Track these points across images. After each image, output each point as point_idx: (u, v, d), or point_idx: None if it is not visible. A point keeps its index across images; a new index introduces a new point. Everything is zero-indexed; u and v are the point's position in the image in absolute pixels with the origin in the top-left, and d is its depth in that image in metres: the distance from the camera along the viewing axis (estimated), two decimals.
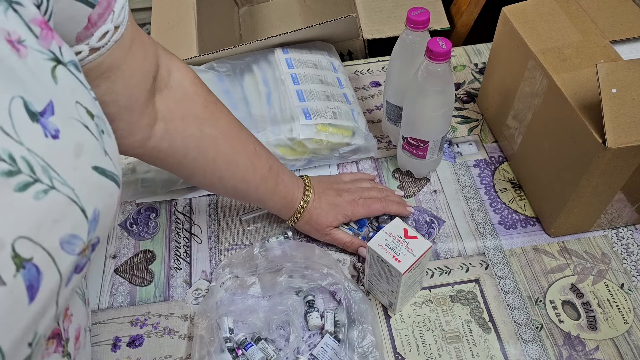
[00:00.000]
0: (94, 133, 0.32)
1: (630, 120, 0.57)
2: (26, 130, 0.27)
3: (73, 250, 0.29)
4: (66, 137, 0.29)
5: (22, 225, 0.26)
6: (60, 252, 0.28)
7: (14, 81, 0.28)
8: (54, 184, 0.28)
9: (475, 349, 0.63)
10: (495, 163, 0.82)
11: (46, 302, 0.28)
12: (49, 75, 0.30)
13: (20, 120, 0.27)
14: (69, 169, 0.29)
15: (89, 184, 0.30)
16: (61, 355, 0.39)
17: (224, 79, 0.83)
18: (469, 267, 0.70)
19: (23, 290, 0.26)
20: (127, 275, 0.72)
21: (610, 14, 0.71)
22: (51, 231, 0.27)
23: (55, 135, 0.29)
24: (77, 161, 0.30)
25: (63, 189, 0.28)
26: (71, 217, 0.29)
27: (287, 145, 0.76)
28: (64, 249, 0.28)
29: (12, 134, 0.26)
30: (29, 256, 0.26)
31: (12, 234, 0.25)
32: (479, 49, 0.99)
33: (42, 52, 0.30)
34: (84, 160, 0.30)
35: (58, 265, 0.28)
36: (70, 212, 0.29)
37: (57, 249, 0.28)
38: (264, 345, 0.62)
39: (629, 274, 0.69)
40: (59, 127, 0.29)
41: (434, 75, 0.64)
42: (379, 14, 1.00)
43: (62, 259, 0.28)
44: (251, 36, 1.27)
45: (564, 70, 0.65)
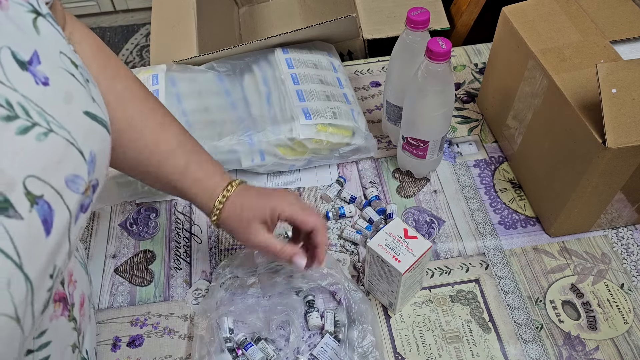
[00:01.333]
0: (80, 81, 0.33)
1: (630, 120, 0.57)
2: (18, 78, 0.28)
3: (77, 189, 0.30)
4: (56, 85, 0.30)
5: (29, 165, 0.27)
6: (67, 191, 0.29)
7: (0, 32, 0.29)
8: (52, 127, 0.29)
9: (475, 349, 0.63)
10: (495, 163, 0.82)
11: (60, 238, 0.29)
12: (31, 26, 0.31)
13: (11, 69, 0.28)
14: (62, 114, 0.30)
15: (83, 128, 0.31)
16: (67, 319, 0.40)
17: (224, 79, 0.83)
18: (469, 267, 0.70)
19: (39, 224, 0.27)
20: (127, 275, 0.72)
21: (610, 14, 0.71)
22: (56, 171, 0.29)
23: (45, 82, 0.30)
24: (68, 107, 0.31)
25: (61, 132, 0.29)
26: (71, 158, 0.30)
27: (287, 145, 0.76)
28: (69, 188, 0.30)
29: (5, 82, 0.27)
30: (39, 193, 0.27)
31: (22, 173, 0.26)
32: (479, 49, 0.99)
33: (22, 5, 0.31)
34: (75, 106, 0.31)
35: (66, 202, 0.29)
36: (70, 154, 0.30)
37: (64, 187, 0.29)
38: (264, 345, 0.62)
39: (629, 274, 0.69)
40: (47, 75, 0.30)
41: (434, 75, 0.64)
42: (379, 14, 1.00)
43: (69, 196, 0.30)
44: (251, 36, 1.27)
45: (564, 70, 0.65)
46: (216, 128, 0.77)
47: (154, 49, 0.94)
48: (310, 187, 0.80)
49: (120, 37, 2.26)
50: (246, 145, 0.76)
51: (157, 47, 0.94)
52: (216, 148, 0.75)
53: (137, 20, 2.31)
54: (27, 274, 0.26)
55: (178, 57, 0.87)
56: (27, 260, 0.26)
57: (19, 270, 0.26)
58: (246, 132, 0.76)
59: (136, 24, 2.32)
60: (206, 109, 0.79)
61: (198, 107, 0.79)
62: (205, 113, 0.79)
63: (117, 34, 2.28)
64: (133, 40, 2.25)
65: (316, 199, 0.78)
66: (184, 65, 0.85)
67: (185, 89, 0.81)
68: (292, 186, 0.80)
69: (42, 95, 0.29)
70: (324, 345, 0.62)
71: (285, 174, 0.82)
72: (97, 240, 0.75)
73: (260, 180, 0.81)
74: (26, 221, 0.26)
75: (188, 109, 0.79)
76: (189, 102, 0.79)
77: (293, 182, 0.81)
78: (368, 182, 0.80)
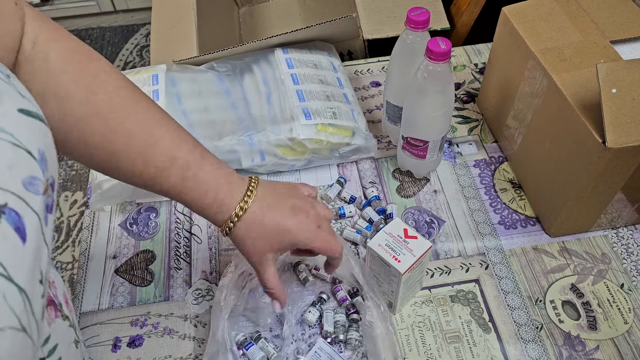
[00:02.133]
0: (2, 79, 0.31)
1: (630, 120, 0.57)
2: None
3: (37, 190, 0.29)
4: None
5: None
6: (28, 194, 0.28)
7: None
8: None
9: (475, 349, 0.63)
10: (495, 163, 0.82)
11: (37, 242, 0.29)
12: None
13: None
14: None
15: (23, 127, 0.30)
16: (62, 319, 0.41)
17: (224, 79, 0.83)
18: (469, 267, 0.70)
19: (13, 233, 0.26)
20: (127, 276, 0.72)
21: (610, 14, 0.71)
22: (12, 177, 0.28)
23: None
24: (2, 107, 0.29)
25: (3, 136, 0.28)
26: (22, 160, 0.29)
27: (287, 145, 0.76)
28: (29, 191, 0.29)
29: None
30: (3, 202, 0.26)
31: None
32: (479, 49, 0.99)
33: None
34: (7, 105, 0.30)
35: (31, 206, 0.28)
36: (19, 157, 0.29)
37: (24, 191, 0.28)
38: (264, 344, 0.62)
39: (629, 274, 0.69)
40: None
41: (434, 75, 0.64)
42: (379, 14, 1.01)
43: (32, 199, 0.29)
44: (251, 36, 1.27)
45: (564, 70, 0.65)
46: (216, 128, 0.77)
47: (154, 49, 0.94)
48: None
49: (120, 37, 2.26)
50: (246, 145, 0.76)
51: (157, 47, 0.94)
52: (216, 148, 0.75)
53: (137, 20, 2.31)
54: (18, 284, 0.26)
55: (178, 57, 0.87)
56: (14, 271, 0.26)
57: (10, 282, 0.25)
58: (246, 132, 0.76)
59: (136, 24, 2.32)
60: (206, 109, 0.79)
61: (198, 107, 0.79)
62: (205, 113, 0.79)
63: (117, 34, 2.28)
64: (133, 40, 2.25)
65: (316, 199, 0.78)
66: (184, 65, 0.85)
67: (185, 89, 0.81)
68: None
69: None
70: (318, 350, 0.62)
71: (285, 174, 0.82)
72: (97, 241, 0.75)
73: None
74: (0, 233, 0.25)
75: (188, 109, 0.78)
76: (189, 102, 0.79)
77: (293, 182, 0.81)
78: (368, 182, 0.80)
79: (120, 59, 2.17)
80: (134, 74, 0.84)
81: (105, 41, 2.25)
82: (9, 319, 0.25)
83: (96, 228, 0.77)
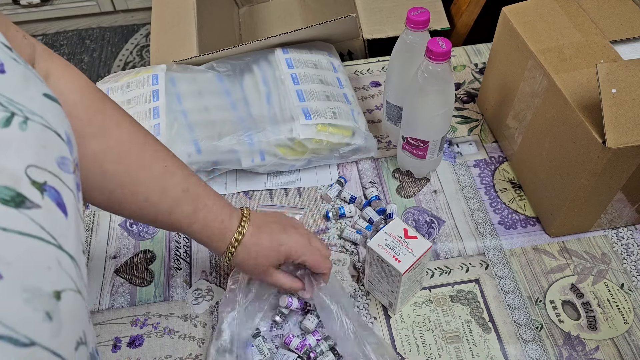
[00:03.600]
0: (22, 64, 0.32)
1: (630, 120, 0.57)
2: None
3: (68, 169, 0.31)
4: (11, 70, 0.30)
5: (25, 155, 0.27)
6: (62, 173, 0.30)
7: None
8: (26, 114, 0.28)
9: (475, 349, 0.63)
10: (495, 163, 0.82)
11: (76, 216, 0.30)
12: None
13: None
14: (27, 99, 0.30)
15: (49, 110, 0.31)
16: None
17: (224, 79, 0.83)
18: (469, 267, 0.70)
19: (56, 208, 0.28)
20: (127, 276, 0.72)
21: (610, 14, 0.71)
22: (47, 156, 0.29)
23: (1, 70, 0.29)
24: (30, 92, 0.30)
25: (35, 118, 0.29)
26: (53, 141, 0.30)
27: (287, 145, 0.76)
28: (62, 170, 0.30)
29: None
30: (42, 180, 0.27)
31: (21, 165, 0.26)
32: (479, 49, 0.99)
33: None
34: (34, 89, 0.31)
35: (66, 183, 0.30)
36: (50, 138, 0.30)
37: (59, 170, 0.29)
38: (260, 343, 0.62)
39: (629, 274, 0.69)
40: (2, 61, 0.29)
41: (434, 75, 0.64)
42: (379, 14, 1.01)
43: (66, 178, 0.30)
44: (251, 36, 1.27)
45: (564, 70, 0.65)
46: (216, 128, 0.77)
47: (154, 49, 0.94)
48: (310, 187, 0.80)
49: (120, 37, 2.26)
50: (246, 145, 0.76)
51: (157, 47, 0.94)
52: (216, 148, 0.75)
53: (137, 20, 2.31)
54: (68, 252, 0.28)
55: (178, 57, 0.87)
56: (63, 241, 0.27)
57: (62, 250, 0.27)
58: (246, 132, 0.76)
59: (136, 24, 2.32)
60: (206, 109, 0.79)
61: (198, 107, 0.79)
62: (205, 113, 0.79)
63: (117, 34, 2.28)
64: (133, 40, 2.25)
65: (316, 199, 0.79)
66: (184, 65, 0.85)
67: (185, 89, 0.81)
68: (292, 186, 0.80)
69: (4, 83, 0.29)
70: None
71: (285, 174, 0.82)
72: (97, 241, 0.75)
73: (260, 181, 0.81)
74: (44, 208, 0.27)
75: (188, 109, 0.79)
76: (189, 102, 0.79)
77: (293, 182, 0.81)
78: (368, 182, 0.80)
79: (120, 59, 2.16)
80: (134, 74, 0.84)
81: (105, 41, 2.24)
82: (67, 282, 0.27)
83: (96, 228, 0.77)
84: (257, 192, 0.80)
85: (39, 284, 0.24)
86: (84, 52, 2.20)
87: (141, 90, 0.81)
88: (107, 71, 2.12)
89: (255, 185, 0.80)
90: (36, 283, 0.24)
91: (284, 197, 0.79)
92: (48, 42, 2.24)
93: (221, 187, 0.80)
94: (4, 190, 0.25)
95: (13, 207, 0.24)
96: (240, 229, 0.56)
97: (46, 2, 2.18)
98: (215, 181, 0.80)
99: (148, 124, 0.76)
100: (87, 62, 2.15)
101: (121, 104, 0.80)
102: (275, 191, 0.80)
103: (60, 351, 0.24)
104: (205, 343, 0.65)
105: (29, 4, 2.16)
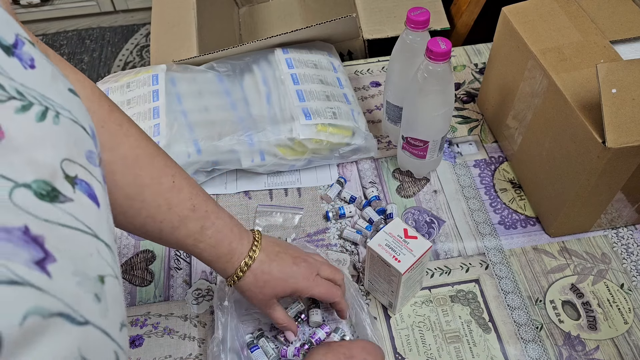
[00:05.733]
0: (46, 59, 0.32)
1: (630, 120, 0.57)
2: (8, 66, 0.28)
3: (95, 162, 0.31)
4: (40, 66, 0.30)
5: (59, 149, 0.28)
6: (90, 166, 0.30)
7: None
8: (57, 109, 0.29)
9: (475, 349, 0.63)
10: (495, 163, 0.82)
11: (106, 208, 0.31)
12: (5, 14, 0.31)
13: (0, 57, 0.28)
14: (56, 94, 0.30)
15: (75, 106, 0.32)
16: None
17: (224, 79, 0.83)
18: (469, 267, 0.70)
19: (88, 200, 0.28)
20: (127, 276, 0.72)
21: (610, 14, 0.71)
22: (78, 150, 0.29)
23: (32, 65, 0.30)
24: (58, 87, 0.31)
25: (64, 112, 0.30)
26: (81, 136, 0.31)
27: (287, 145, 0.76)
28: (91, 163, 0.31)
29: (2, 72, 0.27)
30: (74, 174, 0.28)
31: (57, 159, 0.27)
32: (479, 49, 0.99)
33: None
34: (61, 85, 0.31)
35: (95, 176, 0.30)
36: (78, 132, 0.30)
37: (88, 163, 0.30)
38: (264, 343, 0.62)
39: (629, 274, 0.69)
40: (33, 56, 0.30)
41: (434, 75, 0.64)
42: (379, 14, 1.01)
43: (94, 170, 0.31)
44: (251, 36, 1.27)
45: (564, 70, 0.65)
46: (216, 128, 0.77)
47: (154, 49, 0.94)
48: (310, 187, 0.80)
49: (120, 37, 2.26)
50: (246, 145, 0.76)
51: (157, 47, 0.94)
52: (216, 148, 0.75)
53: (137, 20, 2.31)
54: (104, 240, 0.29)
55: (178, 57, 0.87)
56: (98, 230, 0.28)
57: (98, 240, 0.28)
58: (246, 132, 0.76)
59: (136, 24, 2.32)
60: (206, 109, 0.79)
61: (198, 107, 0.79)
62: (205, 113, 0.79)
63: (117, 34, 2.28)
64: (133, 40, 2.25)
65: (316, 199, 0.79)
66: (184, 65, 0.85)
67: (185, 89, 0.81)
68: (292, 186, 0.80)
69: (34, 78, 0.29)
70: None
71: (285, 174, 0.82)
72: None
73: (260, 181, 0.81)
74: (77, 201, 0.27)
75: (188, 109, 0.79)
76: (189, 102, 0.79)
77: (293, 182, 0.81)
78: (368, 182, 0.80)
79: (120, 59, 2.16)
80: (134, 74, 0.84)
81: (105, 41, 2.25)
82: (107, 268, 0.28)
83: None
84: (257, 192, 0.80)
85: (85, 269, 0.25)
86: (84, 52, 2.20)
87: (141, 90, 0.81)
88: (107, 71, 2.12)
89: (255, 185, 0.80)
90: (83, 268, 0.25)
91: (284, 197, 0.79)
92: (48, 42, 2.24)
93: (221, 187, 0.80)
94: (42, 184, 0.25)
95: (48, 201, 0.25)
96: (251, 254, 0.54)
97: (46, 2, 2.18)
98: (215, 181, 0.80)
99: (148, 124, 0.76)
100: (87, 62, 2.15)
101: (121, 104, 0.80)
102: (275, 191, 0.80)
103: (109, 330, 0.26)
104: (206, 343, 0.65)
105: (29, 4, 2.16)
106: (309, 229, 0.75)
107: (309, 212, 0.77)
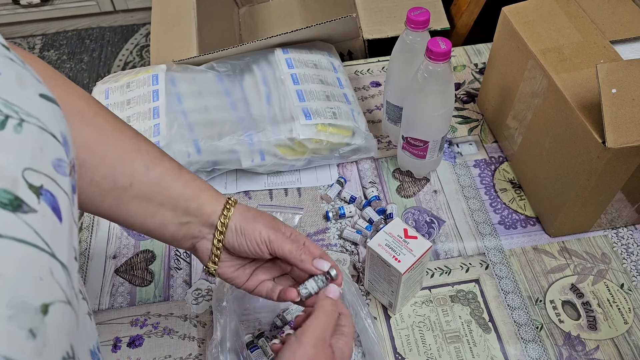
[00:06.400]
0: (19, 64, 0.32)
1: (630, 120, 0.57)
2: None
3: (65, 172, 0.30)
4: (6, 71, 0.30)
5: (21, 158, 0.27)
6: (58, 175, 0.29)
7: None
8: (21, 116, 0.28)
9: (475, 349, 0.63)
10: (495, 163, 0.82)
11: (70, 221, 0.30)
12: None
13: None
14: (23, 100, 0.29)
15: (45, 111, 0.31)
16: None
17: (224, 79, 0.83)
18: (469, 267, 0.70)
19: (51, 213, 0.27)
20: (127, 276, 0.72)
21: (610, 14, 0.71)
22: (43, 159, 0.29)
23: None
24: (25, 92, 0.30)
25: (30, 120, 0.29)
26: (49, 143, 0.30)
27: (287, 145, 0.76)
28: (58, 172, 0.30)
29: None
30: (39, 184, 0.27)
31: (18, 168, 0.26)
32: (479, 49, 0.99)
33: None
34: (30, 90, 0.31)
35: (62, 187, 0.30)
36: (46, 140, 0.30)
37: (55, 173, 0.29)
38: (263, 343, 0.62)
39: (629, 274, 0.69)
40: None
41: (434, 75, 0.64)
42: (379, 14, 1.01)
43: (61, 180, 0.30)
44: (251, 36, 1.27)
45: (564, 70, 0.65)
46: (216, 128, 0.77)
47: (154, 49, 0.94)
48: (310, 187, 0.80)
49: (120, 37, 2.26)
50: (246, 145, 0.76)
51: (157, 47, 0.94)
52: (216, 148, 0.75)
53: (137, 20, 2.31)
54: (60, 260, 0.27)
55: (178, 57, 0.87)
56: (56, 248, 0.27)
57: (54, 258, 0.27)
58: (246, 132, 0.76)
59: (136, 24, 2.32)
60: (206, 109, 0.79)
61: (198, 107, 0.79)
62: (205, 113, 0.79)
63: (117, 34, 2.28)
64: (133, 40, 2.25)
65: (316, 199, 0.79)
66: (184, 65, 0.85)
67: (185, 89, 0.81)
68: (292, 186, 0.80)
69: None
70: None
71: (285, 174, 0.82)
72: (97, 241, 0.75)
73: (260, 181, 0.81)
74: (40, 213, 0.26)
75: (188, 109, 0.79)
76: (189, 102, 0.79)
77: (293, 182, 0.81)
78: (368, 182, 0.80)
79: (120, 59, 2.16)
80: (134, 74, 0.84)
81: (105, 41, 2.24)
82: (57, 293, 0.26)
83: (96, 228, 0.77)
84: (257, 192, 0.80)
85: (28, 297, 0.24)
86: (83, 52, 2.20)
87: (141, 90, 0.81)
88: (107, 71, 2.12)
89: (255, 185, 0.80)
90: (25, 296, 0.23)
91: (284, 197, 0.79)
92: (48, 42, 2.24)
93: (221, 187, 0.80)
94: (3, 193, 0.24)
95: (11, 210, 0.24)
96: (226, 212, 0.50)
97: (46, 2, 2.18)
98: (215, 181, 0.80)
99: (148, 124, 0.76)
100: (87, 62, 2.15)
101: (121, 104, 0.80)
102: (275, 191, 0.80)
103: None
104: (205, 343, 0.65)
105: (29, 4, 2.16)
106: (309, 229, 0.75)
107: (309, 212, 0.77)
